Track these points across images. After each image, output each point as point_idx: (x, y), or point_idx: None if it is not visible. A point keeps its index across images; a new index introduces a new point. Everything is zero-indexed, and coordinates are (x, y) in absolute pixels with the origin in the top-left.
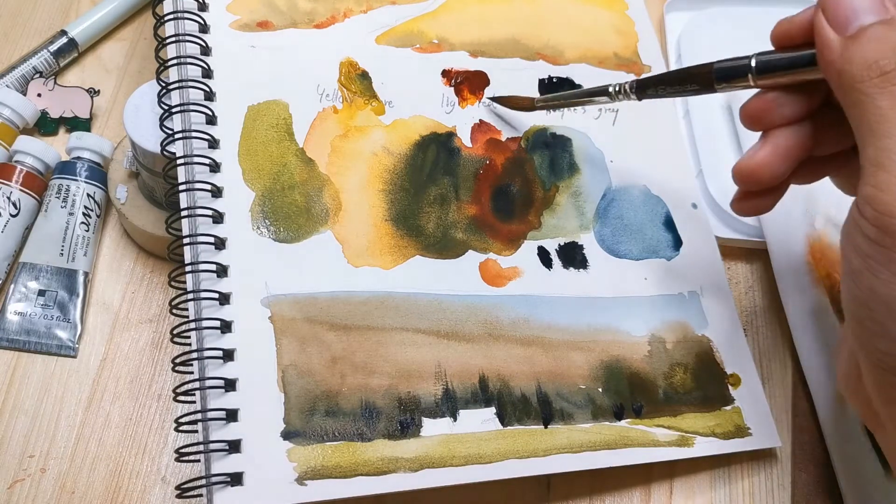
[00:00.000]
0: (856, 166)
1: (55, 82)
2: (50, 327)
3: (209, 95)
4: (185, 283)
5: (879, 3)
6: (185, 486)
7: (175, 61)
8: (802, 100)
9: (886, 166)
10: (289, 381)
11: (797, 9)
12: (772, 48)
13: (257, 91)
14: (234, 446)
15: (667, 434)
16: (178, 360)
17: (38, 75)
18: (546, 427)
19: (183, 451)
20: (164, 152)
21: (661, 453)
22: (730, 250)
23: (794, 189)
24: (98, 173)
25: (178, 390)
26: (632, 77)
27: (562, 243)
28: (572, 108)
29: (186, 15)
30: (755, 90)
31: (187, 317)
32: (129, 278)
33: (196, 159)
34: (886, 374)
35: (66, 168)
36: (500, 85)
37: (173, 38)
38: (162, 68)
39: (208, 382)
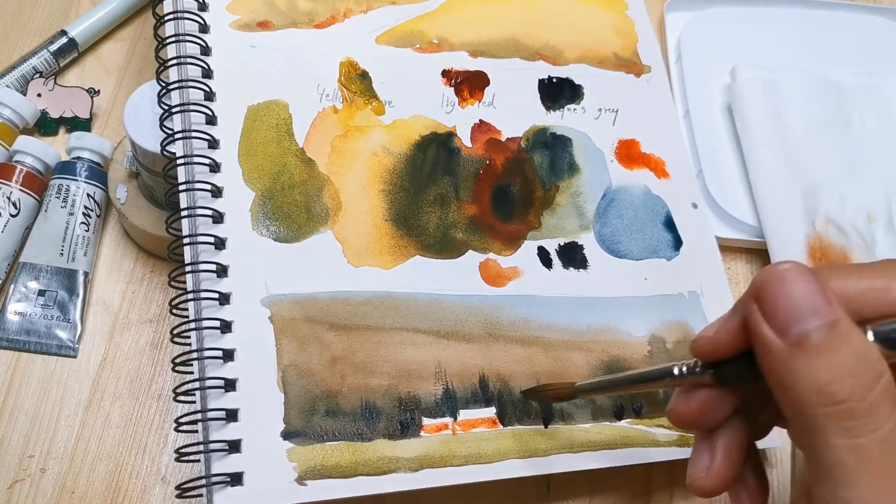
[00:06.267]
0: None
1: (55, 82)
2: (50, 327)
3: (209, 95)
4: (185, 283)
5: (822, 299)
6: (185, 486)
7: (175, 61)
8: (737, 393)
9: None
10: (289, 381)
11: (796, 9)
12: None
13: (257, 91)
14: (234, 446)
15: (667, 434)
16: (178, 360)
17: (38, 75)
18: (546, 427)
19: (183, 451)
20: (164, 152)
21: (662, 453)
22: (730, 250)
23: (793, 189)
24: (98, 173)
25: (178, 390)
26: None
27: (562, 243)
28: (573, 108)
29: (186, 15)
30: None
31: (187, 317)
32: (129, 278)
33: (196, 159)
34: None
35: (66, 168)
36: (499, 85)
37: (173, 38)
38: (162, 68)
39: (208, 382)
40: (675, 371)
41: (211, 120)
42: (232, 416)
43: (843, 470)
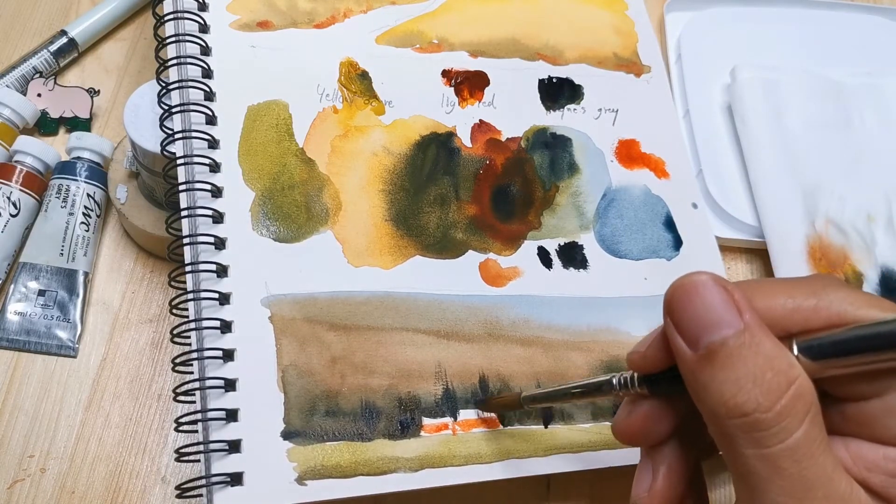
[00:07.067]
0: None
1: (55, 82)
2: (50, 327)
3: (209, 95)
4: (185, 283)
5: (730, 305)
6: (185, 486)
7: (175, 61)
8: (678, 407)
9: None
10: (289, 381)
11: (796, 9)
12: None
13: (257, 91)
14: (234, 446)
15: None
16: (178, 360)
17: (38, 75)
18: (546, 427)
19: (183, 451)
20: (164, 152)
21: None
22: (730, 250)
23: (794, 189)
24: (98, 173)
25: (178, 390)
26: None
27: (562, 243)
28: (573, 108)
29: (186, 15)
30: None
31: (187, 317)
32: (129, 278)
33: (196, 159)
34: None
35: (66, 168)
36: (499, 85)
37: (173, 38)
38: (162, 68)
39: (208, 382)
40: (614, 381)
41: (211, 120)
42: (232, 416)
43: (756, 479)
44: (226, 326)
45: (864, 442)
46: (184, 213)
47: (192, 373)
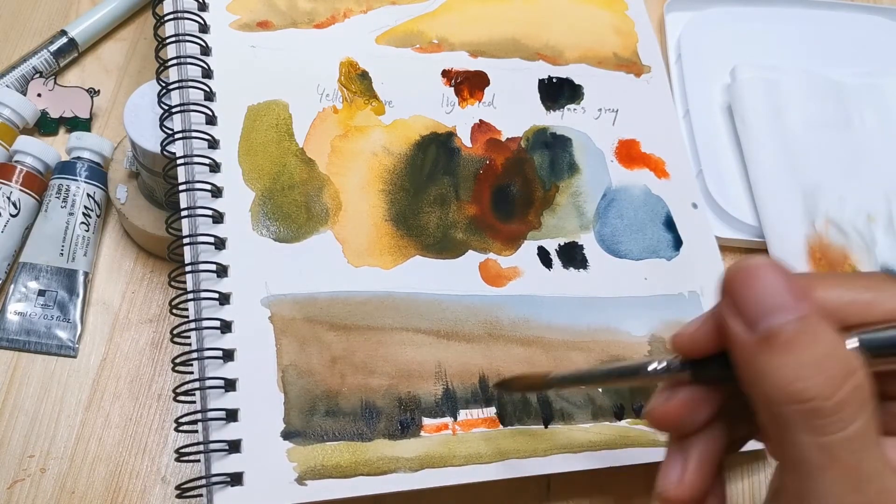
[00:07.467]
0: None
1: (55, 82)
2: (50, 327)
3: (209, 95)
4: (185, 283)
5: (792, 294)
6: (185, 486)
7: (175, 61)
8: (718, 395)
9: None
10: (289, 381)
11: (796, 9)
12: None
13: (257, 91)
14: (234, 446)
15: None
16: (178, 360)
17: (38, 75)
18: (546, 427)
19: (183, 451)
20: (164, 152)
21: (662, 453)
22: (730, 250)
23: (793, 189)
24: (98, 173)
25: (178, 390)
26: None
27: (562, 243)
28: (573, 108)
29: (186, 15)
30: None
31: (187, 317)
32: (129, 278)
33: (196, 159)
34: None
35: (66, 168)
36: (499, 85)
37: (173, 38)
38: (162, 68)
39: (208, 382)
40: (652, 367)
41: (211, 120)
42: (232, 416)
43: (810, 466)
44: (226, 326)
45: None
46: (184, 213)
47: (192, 373)
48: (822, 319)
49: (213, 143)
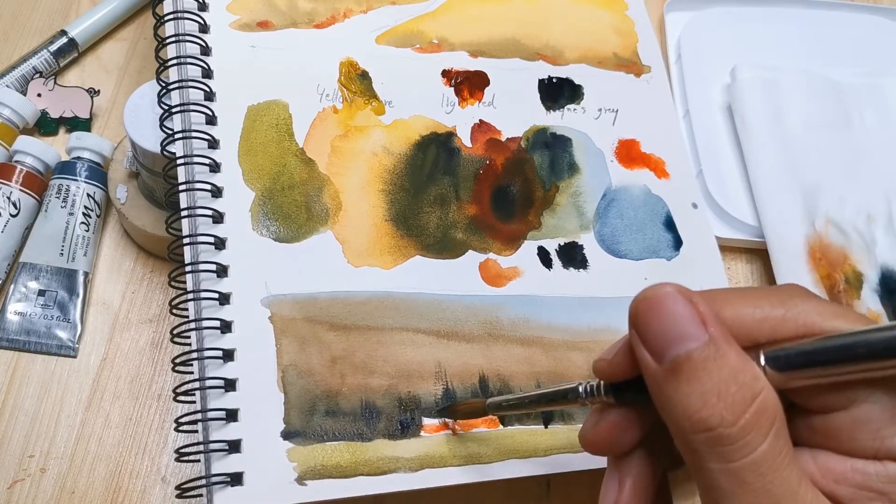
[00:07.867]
0: None
1: (55, 82)
2: (50, 327)
3: (209, 95)
4: (185, 283)
5: (696, 317)
6: (185, 486)
7: (175, 61)
8: (647, 416)
9: None
10: (289, 381)
11: (796, 9)
12: None
13: (257, 91)
14: (234, 446)
15: None
16: (178, 360)
17: (38, 75)
18: (546, 427)
19: (183, 451)
20: (164, 152)
21: None
22: (730, 250)
23: (793, 189)
24: (98, 173)
25: (178, 390)
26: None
27: (562, 243)
28: (573, 108)
29: (186, 15)
30: None
31: (187, 317)
32: (129, 278)
33: (196, 159)
34: None
35: (66, 168)
36: (499, 85)
37: (173, 38)
38: (162, 68)
39: (208, 382)
40: (580, 389)
41: (211, 120)
42: (232, 416)
43: (721, 493)
44: (226, 326)
45: (831, 454)
46: (184, 213)
47: (192, 373)
48: (727, 343)
49: (213, 143)
